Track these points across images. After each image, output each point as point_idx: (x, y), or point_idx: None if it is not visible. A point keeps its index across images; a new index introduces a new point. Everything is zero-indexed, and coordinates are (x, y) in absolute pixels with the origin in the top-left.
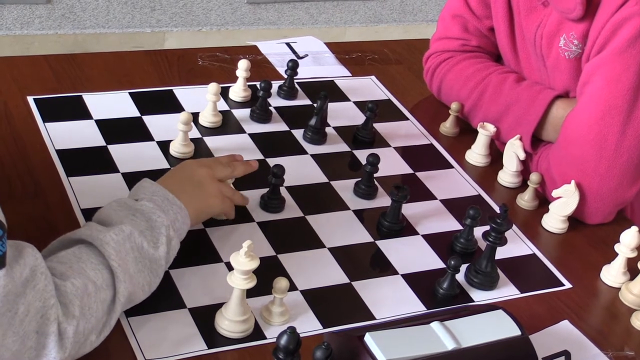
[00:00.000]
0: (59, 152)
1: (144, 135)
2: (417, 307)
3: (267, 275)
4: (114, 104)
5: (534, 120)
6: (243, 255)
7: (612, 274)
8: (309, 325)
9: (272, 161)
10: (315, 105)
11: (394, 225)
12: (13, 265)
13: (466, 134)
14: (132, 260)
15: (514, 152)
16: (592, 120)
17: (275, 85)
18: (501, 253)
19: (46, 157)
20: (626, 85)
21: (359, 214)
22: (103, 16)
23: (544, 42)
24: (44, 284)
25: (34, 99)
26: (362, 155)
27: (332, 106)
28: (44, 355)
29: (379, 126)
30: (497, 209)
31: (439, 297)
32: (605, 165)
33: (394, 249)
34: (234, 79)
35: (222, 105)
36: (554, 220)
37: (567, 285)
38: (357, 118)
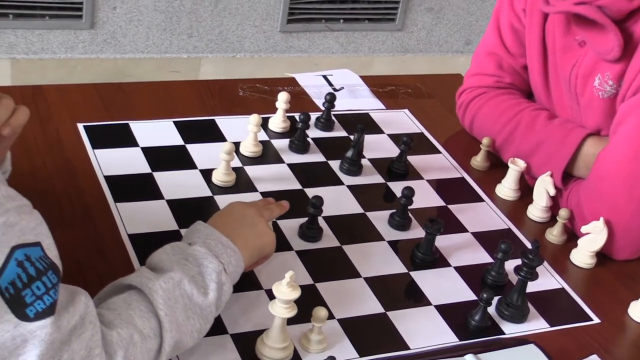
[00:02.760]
0: (107, 178)
1: (187, 163)
2: (449, 338)
3: (305, 303)
4: (159, 132)
5: (566, 158)
6: (285, 285)
7: (639, 309)
8: (345, 353)
9: (309, 191)
10: (351, 137)
11: (427, 256)
12: (63, 313)
13: (497, 168)
14: (181, 308)
15: (544, 187)
16: (625, 159)
17: (313, 117)
18: (531, 287)
19: (95, 183)
20: None
21: (394, 244)
22: (142, 42)
23: (578, 82)
24: (91, 333)
25: (84, 126)
26: (396, 187)
27: (367, 138)
28: None
29: (412, 159)
30: (526, 243)
31: (471, 328)
32: (635, 203)
33: (428, 280)
34: (274, 109)
35: (262, 136)
36: (583, 256)
37: (596, 320)
38: (392, 150)
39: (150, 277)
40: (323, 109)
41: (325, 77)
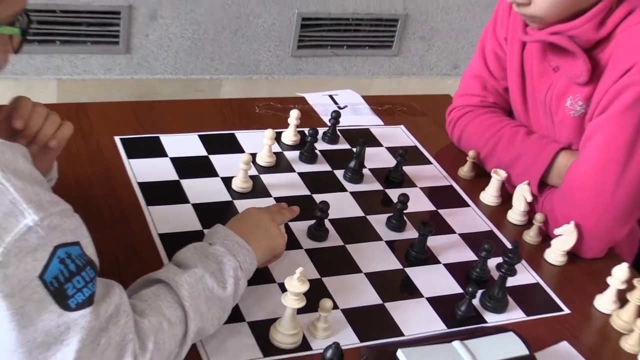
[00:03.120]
0: (140, 184)
1: (210, 171)
2: (439, 326)
3: (313, 295)
4: (185, 144)
5: (541, 169)
6: (296, 280)
7: (604, 302)
8: (348, 339)
9: (317, 197)
10: (354, 149)
11: (420, 255)
12: (100, 304)
13: (481, 177)
14: (203, 299)
15: (522, 195)
16: (593, 170)
17: (321, 131)
18: (510, 281)
19: (130, 189)
20: (623, 142)
21: (390, 244)
22: (171, 64)
23: (552, 102)
24: (125, 321)
25: (120, 139)
26: (393, 193)
27: (368, 151)
28: None
29: (407, 169)
30: (506, 243)
31: (458, 318)
32: (601, 209)
33: (420, 276)
34: (286, 125)
35: (276, 148)
36: (555, 254)
37: (566, 310)
38: (389, 161)
39: (176, 272)
40: (329, 124)
41: (331, 96)
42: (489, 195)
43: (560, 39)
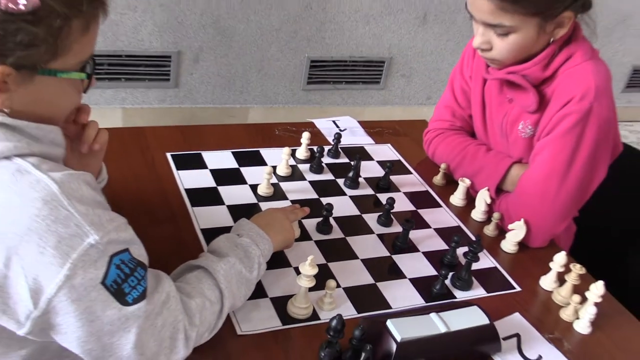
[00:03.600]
0: (186, 190)
1: (240, 180)
2: (419, 301)
3: (320, 276)
4: (221, 159)
5: (498, 178)
6: (307, 265)
7: (547, 281)
8: (348, 311)
9: (323, 199)
10: (352, 163)
11: (403, 245)
12: (153, 294)
13: (450, 184)
14: (235, 282)
15: (483, 198)
16: (540, 179)
17: (326, 148)
18: (474, 266)
19: (178, 193)
20: (564, 158)
21: (380, 236)
22: (210, 96)
23: (507, 127)
24: (175, 304)
25: (171, 155)
26: (382, 197)
27: (362, 164)
28: (175, 352)
29: (393, 178)
30: (471, 236)
31: (434, 294)
32: (545, 210)
33: (404, 261)
34: (299, 144)
35: (291, 162)
36: (509, 244)
37: (518, 288)
38: (379, 172)
39: (213, 260)
40: (333, 143)
41: (334, 121)
42: (457, 198)
43: (515, 77)
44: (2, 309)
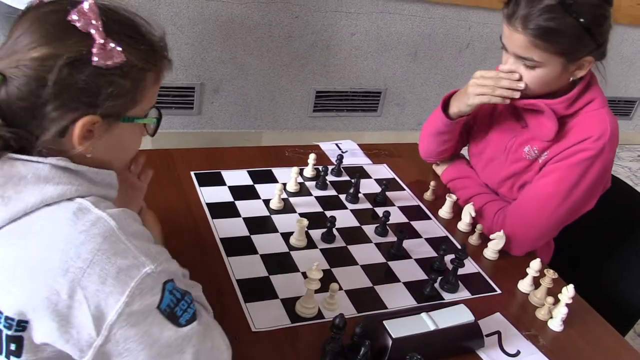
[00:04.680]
0: (207, 204)
1: (254, 195)
2: (411, 302)
3: (325, 280)
4: (238, 177)
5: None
6: (313, 270)
7: (524, 285)
8: (349, 311)
9: (327, 213)
10: (352, 180)
11: (397, 252)
12: (200, 317)
13: (439, 199)
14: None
15: (468, 211)
16: (542, 197)
17: (330, 168)
18: (460, 271)
19: (200, 207)
20: (567, 185)
21: (378, 245)
22: (228, 122)
23: (514, 146)
24: (215, 326)
25: (194, 173)
26: (379, 210)
27: (362, 182)
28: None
29: (389, 194)
30: (457, 245)
31: (424, 296)
32: (537, 224)
33: (398, 267)
34: (306, 163)
35: (300, 179)
36: (491, 252)
37: (498, 291)
38: (377, 189)
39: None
40: (336, 163)
41: (336, 144)
42: (445, 212)
43: (545, 107)
44: (65, 339)
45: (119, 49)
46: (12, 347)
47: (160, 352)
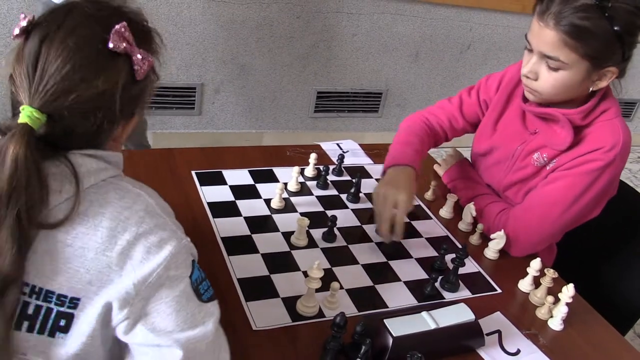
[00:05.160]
0: (208, 203)
1: (256, 195)
2: (412, 300)
3: (325, 279)
4: (239, 176)
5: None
6: (314, 269)
7: (524, 284)
8: (350, 309)
9: (328, 212)
10: (353, 180)
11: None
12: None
13: (440, 199)
14: None
15: (469, 211)
16: (546, 203)
17: (331, 168)
18: (461, 271)
19: (201, 206)
20: (574, 193)
21: (379, 244)
22: (229, 122)
23: (522, 153)
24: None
25: (195, 172)
26: None
27: (363, 181)
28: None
29: None
30: (458, 244)
31: (425, 295)
32: (541, 229)
33: (399, 266)
34: (307, 163)
35: (301, 179)
36: (491, 252)
37: (498, 290)
38: None
39: None
40: (337, 163)
41: (338, 144)
42: (445, 211)
43: (561, 116)
44: (108, 299)
45: (147, 53)
46: (62, 322)
47: (186, 319)
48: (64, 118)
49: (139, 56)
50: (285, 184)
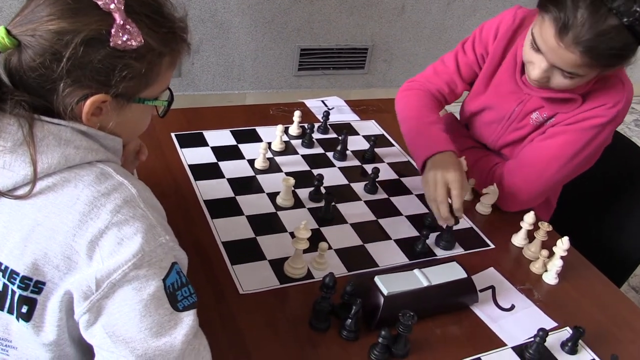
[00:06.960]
0: (190, 166)
1: (239, 156)
2: (403, 258)
3: (313, 239)
4: (221, 137)
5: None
6: (301, 229)
7: (518, 239)
8: (339, 270)
9: (315, 171)
10: (340, 137)
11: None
12: (196, 318)
13: None
14: None
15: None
16: (546, 157)
17: (316, 125)
18: (454, 227)
19: (182, 169)
20: (574, 148)
21: (367, 203)
22: (210, 84)
23: (519, 112)
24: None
25: (175, 135)
26: (367, 167)
27: (349, 138)
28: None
29: (378, 150)
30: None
31: (416, 253)
32: (538, 184)
33: (388, 224)
34: (292, 121)
35: (285, 138)
36: (483, 207)
37: (492, 246)
38: (365, 145)
39: None
40: (322, 120)
41: (322, 101)
42: None
43: (564, 94)
44: (69, 289)
45: (138, 31)
46: (24, 309)
47: (152, 327)
48: (25, 48)
49: (120, 21)
50: (269, 143)
